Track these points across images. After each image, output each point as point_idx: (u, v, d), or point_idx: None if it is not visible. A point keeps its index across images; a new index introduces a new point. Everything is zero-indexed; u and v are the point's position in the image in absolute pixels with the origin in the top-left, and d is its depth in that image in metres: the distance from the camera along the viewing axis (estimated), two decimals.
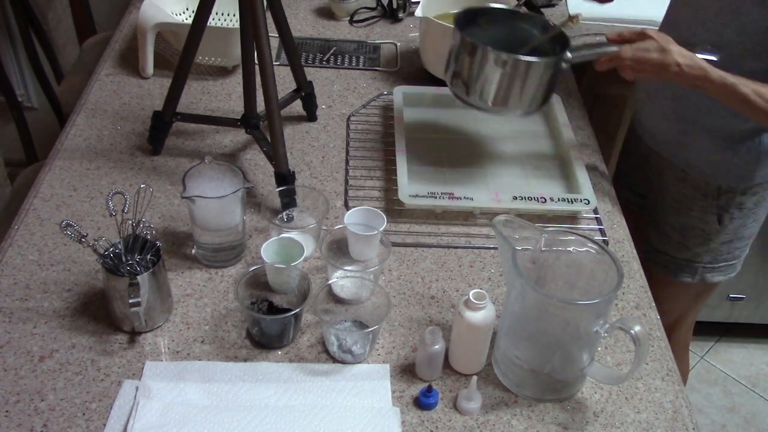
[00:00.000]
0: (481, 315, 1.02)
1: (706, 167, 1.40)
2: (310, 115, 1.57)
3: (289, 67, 1.49)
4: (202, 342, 1.10)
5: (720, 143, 1.36)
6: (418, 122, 1.55)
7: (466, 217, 1.35)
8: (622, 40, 1.26)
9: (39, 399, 1.01)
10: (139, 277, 1.03)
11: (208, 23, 1.33)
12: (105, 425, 0.98)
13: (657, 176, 1.52)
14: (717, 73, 1.20)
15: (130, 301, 1.02)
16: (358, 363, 1.08)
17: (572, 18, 1.29)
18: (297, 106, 1.55)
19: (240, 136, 1.50)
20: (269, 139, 1.32)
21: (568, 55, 1.27)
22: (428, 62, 1.67)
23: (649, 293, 1.26)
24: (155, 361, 1.06)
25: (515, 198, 1.34)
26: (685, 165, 1.43)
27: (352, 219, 1.23)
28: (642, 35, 1.24)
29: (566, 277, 1.07)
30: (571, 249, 1.05)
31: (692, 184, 1.43)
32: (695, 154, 1.40)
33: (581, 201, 1.35)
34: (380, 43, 1.84)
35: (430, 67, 1.67)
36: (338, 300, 1.16)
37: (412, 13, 1.94)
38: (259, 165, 1.43)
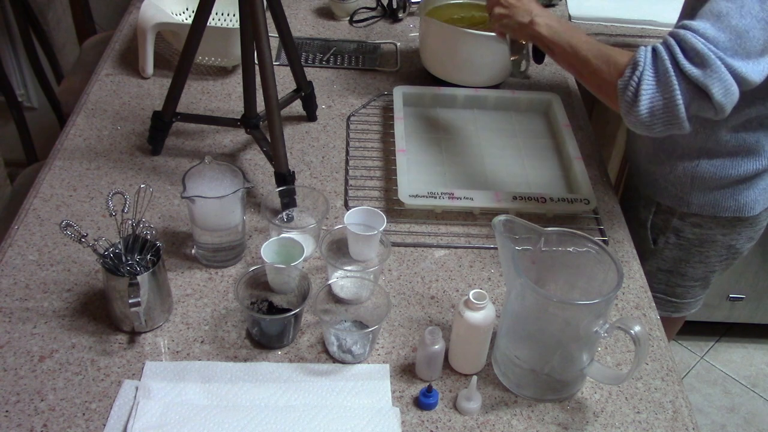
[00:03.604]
0: (481, 315, 1.02)
1: (649, 179, 1.39)
2: (310, 115, 1.57)
3: (289, 67, 1.49)
4: (202, 342, 1.10)
5: (661, 155, 1.35)
6: (418, 122, 1.55)
7: (466, 217, 1.35)
8: None
9: (39, 399, 1.01)
10: (139, 277, 1.03)
11: (208, 23, 1.33)
12: (105, 425, 0.98)
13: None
14: (544, 20, 1.23)
15: (130, 301, 1.02)
16: (358, 363, 1.08)
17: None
18: (297, 106, 1.55)
19: (240, 136, 1.50)
20: (269, 139, 1.32)
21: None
22: (428, 62, 1.67)
23: (649, 293, 1.26)
24: (155, 361, 1.06)
25: (515, 198, 1.34)
26: (634, 169, 1.41)
27: (352, 219, 1.23)
28: None
29: (566, 277, 1.07)
30: (571, 249, 1.05)
31: (637, 190, 1.42)
32: (644, 164, 1.39)
33: (581, 201, 1.35)
34: (380, 43, 1.84)
35: (430, 67, 1.67)
36: (338, 300, 1.16)
37: (412, 13, 1.95)
38: (259, 165, 1.44)
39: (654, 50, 1.06)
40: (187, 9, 1.73)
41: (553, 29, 1.22)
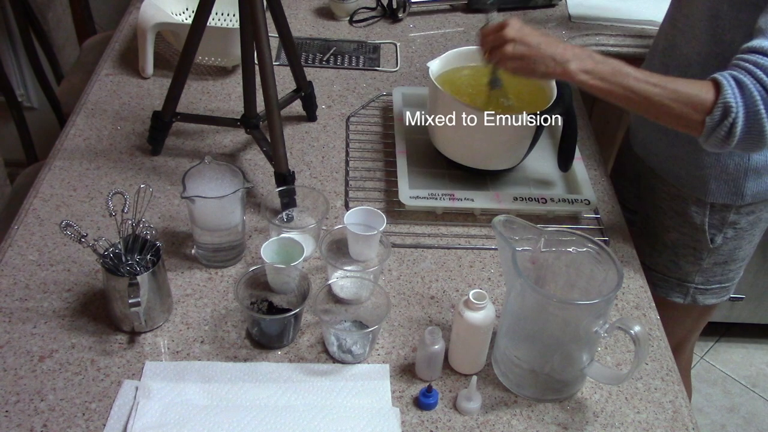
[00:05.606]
0: (481, 315, 1.02)
1: (697, 183, 1.36)
2: (310, 115, 1.57)
3: (289, 67, 1.49)
4: (201, 342, 1.10)
5: (708, 158, 1.32)
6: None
7: (466, 217, 1.35)
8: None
9: (39, 399, 1.01)
10: (138, 277, 1.03)
11: (208, 23, 1.33)
12: (105, 425, 0.98)
13: (649, 191, 1.47)
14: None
15: (130, 301, 1.02)
16: (358, 363, 1.08)
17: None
18: (297, 106, 1.55)
19: (240, 136, 1.50)
20: (269, 139, 1.32)
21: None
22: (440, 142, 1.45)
23: (649, 293, 1.26)
24: (155, 361, 1.07)
25: (516, 199, 1.34)
26: (676, 180, 1.39)
27: (352, 219, 1.23)
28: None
29: (566, 277, 1.07)
30: (571, 249, 1.05)
31: (684, 200, 1.39)
32: (686, 168, 1.36)
33: (581, 201, 1.35)
34: (380, 43, 1.84)
35: (438, 145, 1.45)
36: (338, 300, 1.16)
37: (412, 13, 1.95)
38: (259, 165, 1.44)
39: (740, 86, 1.05)
40: (187, 9, 1.73)
41: (595, 74, 1.12)
